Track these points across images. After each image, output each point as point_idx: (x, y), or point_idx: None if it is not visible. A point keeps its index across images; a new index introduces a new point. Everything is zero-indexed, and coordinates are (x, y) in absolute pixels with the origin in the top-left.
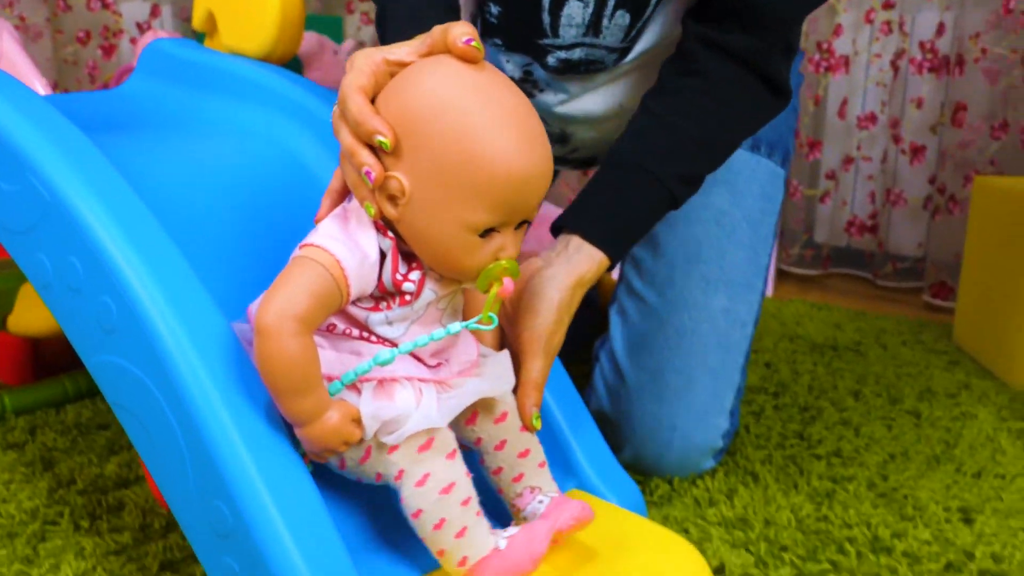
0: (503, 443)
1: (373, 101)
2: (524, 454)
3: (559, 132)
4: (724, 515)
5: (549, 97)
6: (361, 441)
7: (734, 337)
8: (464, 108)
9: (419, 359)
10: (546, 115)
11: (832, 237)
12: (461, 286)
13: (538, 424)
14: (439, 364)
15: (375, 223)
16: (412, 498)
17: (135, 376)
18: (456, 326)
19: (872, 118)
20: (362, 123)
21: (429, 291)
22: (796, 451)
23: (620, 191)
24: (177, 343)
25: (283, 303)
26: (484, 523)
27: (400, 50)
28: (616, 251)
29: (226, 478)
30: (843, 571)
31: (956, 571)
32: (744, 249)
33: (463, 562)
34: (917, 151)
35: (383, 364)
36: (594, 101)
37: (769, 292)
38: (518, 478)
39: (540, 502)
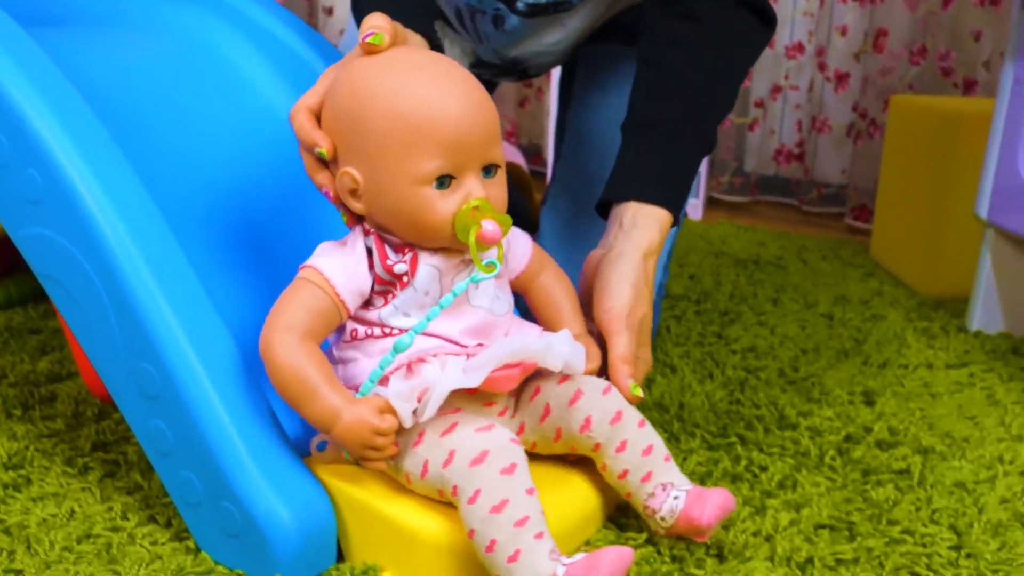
0: (624, 444)
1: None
2: (648, 451)
3: (511, 59)
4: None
5: (505, 38)
6: (401, 434)
7: None
8: (374, 81)
9: (453, 342)
10: (501, 51)
11: (760, 166)
12: (464, 256)
13: (638, 392)
14: (480, 345)
15: (361, 227)
16: (465, 517)
17: (61, 246)
18: (461, 285)
19: (799, 47)
20: (303, 139)
21: (427, 267)
22: (714, 348)
23: (660, 150)
24: (101, 210)
25: (274, 319)
26: (544, 546)
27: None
28: (675, 203)
29: (152, 339)
30: (749, 443)
31: (854, 443)
32: None
33: None
34: (841, 79)
35: (403, 350)
36: (553, 35)
37: (699, 217)
38: (647, 477)
39: (676, 498)
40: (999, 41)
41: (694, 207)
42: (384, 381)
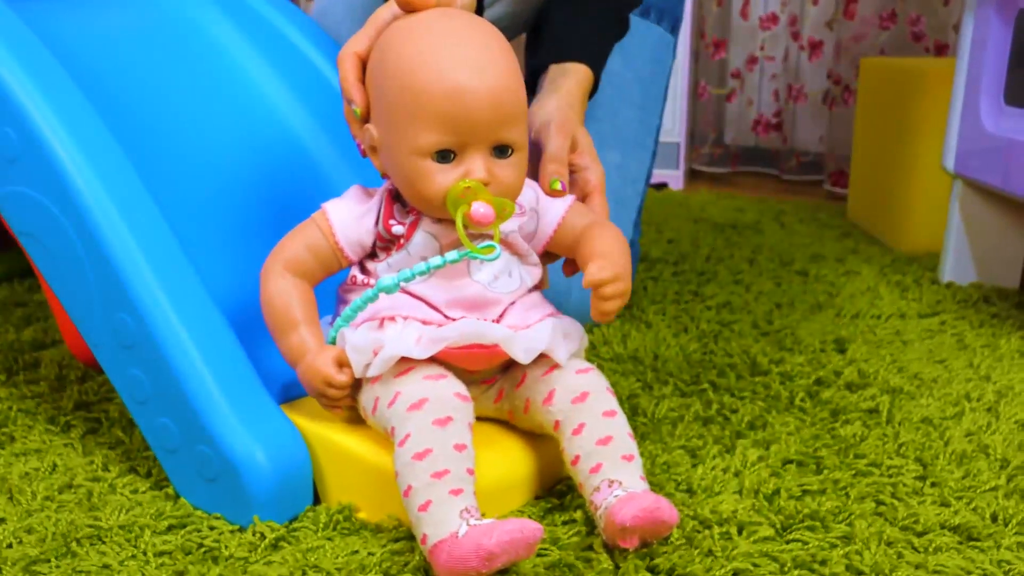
0: (581, 427)
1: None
2: (604, 441)
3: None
4: (616, 352)
5: None
6: (356, 387)
7: (627, 193)
8: (402, 45)
9: (436, 308)
10: None
11: (740, 136)
12: (470, 229)
13: (556, 186)
14: (464, 318)
15: (388, 180)
16: (394, 458)
17: (37, 202)
18: (452, 254)
19: (773, 18)
20: (344, 92)
21: (424, 234)
22: (689, 305)
23: (577, 20)
24: (76, 165)
25: (278, 251)
26: (458, 502)
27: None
28: (594, 60)
29: (127, 288)
30: (721, 389)
31: (825, 386)
32: (635, 109)
33: (423, 540)
34: (815, 47)
35: (382, 291)
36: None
37: (680, 188)
38: (596, 468)
39: (616, 496)
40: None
41: (675, 178)
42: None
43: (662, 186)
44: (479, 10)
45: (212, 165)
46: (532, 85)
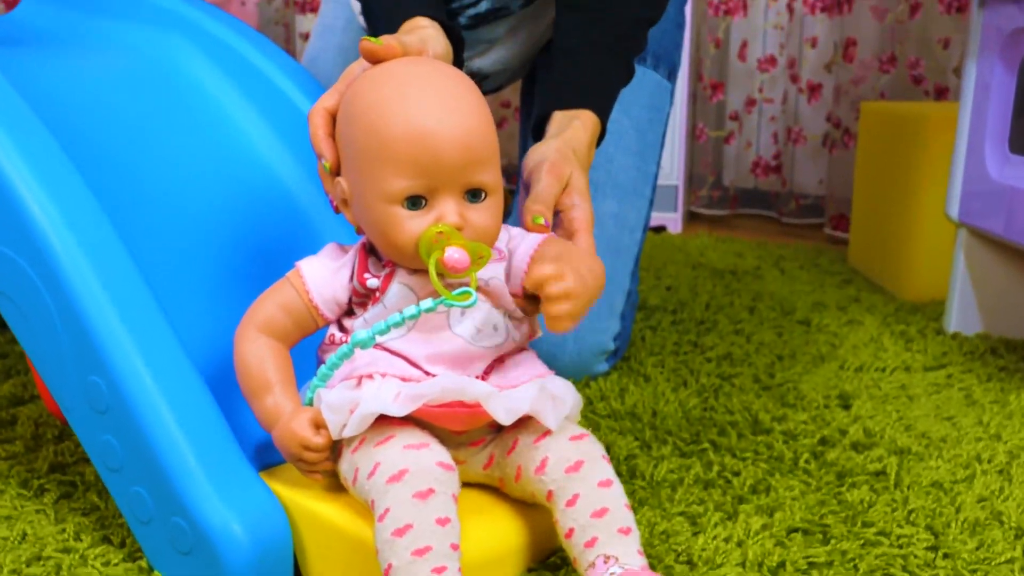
0: (575, 498)
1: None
2: (600, 513)
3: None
4: (613, 408)
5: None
6: (337, 452)
7: (624, 242)
8: (367, 92)
9: (415, 365)
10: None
11: (739, 179)
12: (447, 280)
13: (540, 221)
14: (445, 375)
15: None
16: (375, 534)
17: (9, 258)
18: (427, 302)
19: (771, 60)
20: (314, 147)
21: (399, 286)
22: (688, 357)
23: (584, 67)
24: (49, 220)
25: (251, 313)
26: None
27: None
28: (601, 106)
29: (100, 351)
30: (722, 449)
31: (829, 445)
32: (632, 156)
33: None
34: (814, 89)
35: (358, 346)
36: (496, 53)
37: (678, 231)
38: (591, 543)
39: (611, 574)
40: (968, 47)
41: (673, 221)
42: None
43: (660, 229)
44: (459, 63)
45: (195, 215)
46: (539, 133)
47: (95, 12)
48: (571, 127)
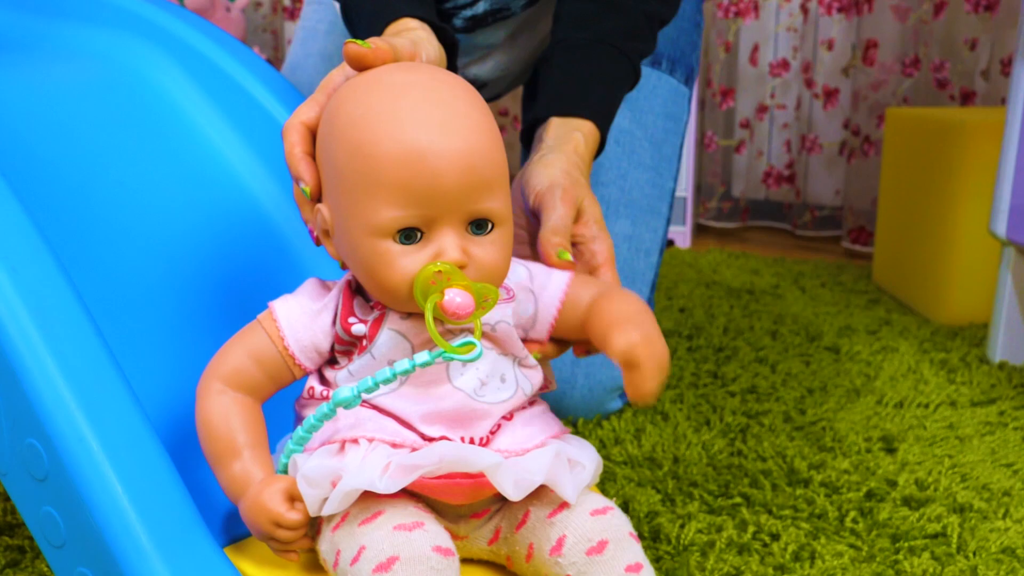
0: None
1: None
2: None
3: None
4: (630, 454)
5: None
6: (316, 527)
7: (638, 266)
8: (354, 105)
9: (409, 426)
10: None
11: (749, 189)
12: (447, 326)
13: (567, 256)
14: (444, 438)
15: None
16: None
17: None
18: (423, 355)
19: (784, 64)
20: (290, 169)
21: (390, 333)
22: (709, 390)
23: (584, 66)
24: None
25: (216, 363)
26: None
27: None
28: (602, 114)
29: (36, 409)
30: (756, 505)
31: (878, 500)
32: (647, 171)
33: None
34: (830, 95)
35: (341, 405)
36: (506, 52)
37: (687, 245)
38: None
39: None
40: (997, 49)
41: (682, 235)
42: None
43: (668, 244)
44: (451, 70)
45: (158, 245)
46: (528, 139)
47: (52, 15)
48: (571, 140)
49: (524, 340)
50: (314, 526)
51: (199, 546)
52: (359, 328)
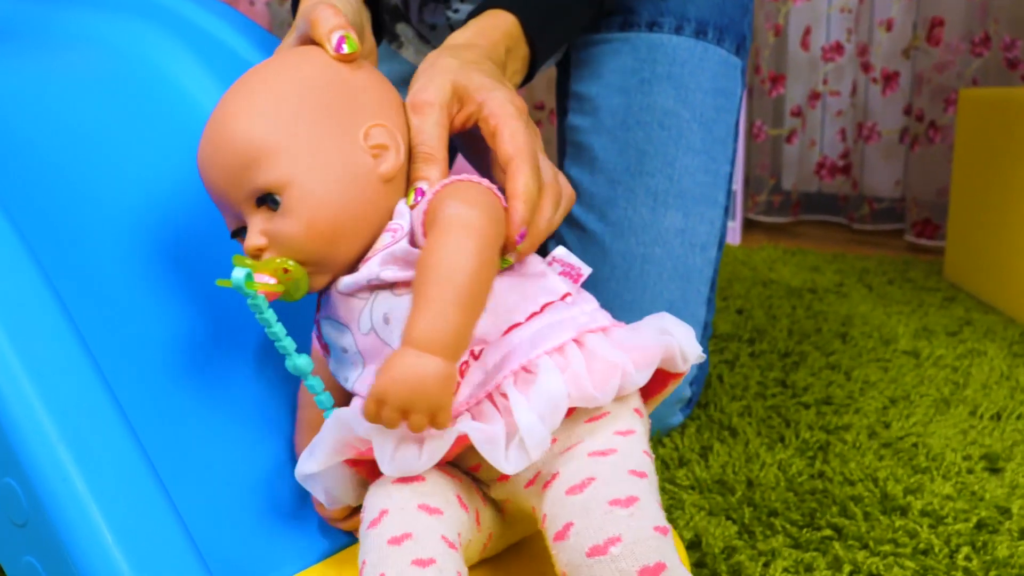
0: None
1: None
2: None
3: None
4: (698, 477)
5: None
6: None
7: (694, 263)
8: None
9: None
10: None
11: (801, 182)
12: (337, 289)
13: (510, 262)
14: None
15: None
16: None
17: None
18: (318, 395)
19: (838, 48)
20: None
21: (327, 322)
22: (779, 400)
23: None
24: None
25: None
26: None
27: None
28: (526, 9)
29: (13, 444)
30: (849, 538)
31: (990, 531)
32: (697, 156)
33: None
34: (889, 79)
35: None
36: None
37: (737, 242)
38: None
39: None
40: None
41: (731, 230)
42: None
43: None
44: (378, 25)
45: (170, 236)
46: None
47: (56, 1)
48: (474, 22)
49: None
50: None
51: None
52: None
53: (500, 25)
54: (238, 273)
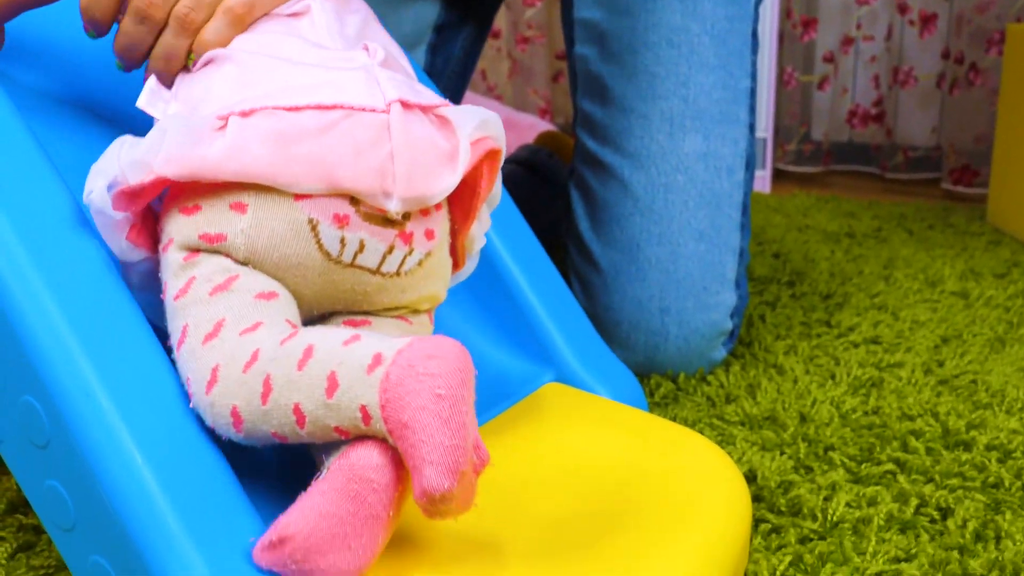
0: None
1: None
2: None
3: None
4: (748, 413)
5: None
6: None
7: (721, 187)
8: None
9: None
10: None
11: (832, 130)
12: None
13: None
14: None
15: None
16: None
17: None
18: None
19: None
20: None
21: None
22: (825, 340)
23: None
24: None
25: None
26: None
27: None
28: None
29: (33, 361)
30: (912, 471)
31: None
32: (712, 72)
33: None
34: (927, 20)
35: None
36: None
37: (767, 191)
38: None
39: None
40: None
41: (761, 179)
42: None
43: None
44: None
45: None
46: None
47: None
48: None
49: None
50: None
51: (243, 530)
52: None
53: None
54: None
